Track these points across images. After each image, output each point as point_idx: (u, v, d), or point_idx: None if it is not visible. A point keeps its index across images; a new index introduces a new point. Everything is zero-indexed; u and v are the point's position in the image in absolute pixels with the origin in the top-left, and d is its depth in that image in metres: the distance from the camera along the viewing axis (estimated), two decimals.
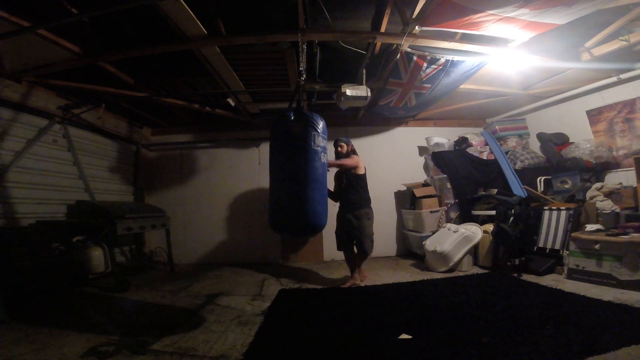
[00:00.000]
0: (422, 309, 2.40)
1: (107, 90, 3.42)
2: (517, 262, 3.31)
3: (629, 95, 3.39)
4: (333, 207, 3.04)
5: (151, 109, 4.33)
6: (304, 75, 2.36)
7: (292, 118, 2.02)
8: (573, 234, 3.00)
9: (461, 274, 3.43)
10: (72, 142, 3.58)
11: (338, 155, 3.31)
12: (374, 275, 3.58)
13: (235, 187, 4.86)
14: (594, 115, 3.76)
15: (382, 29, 2.62)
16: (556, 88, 3.98)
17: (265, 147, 4.91)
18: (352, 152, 3.34)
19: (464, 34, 2.67)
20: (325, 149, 2.05)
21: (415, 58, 2.86)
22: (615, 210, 3.09)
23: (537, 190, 3.97)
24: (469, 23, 2.34)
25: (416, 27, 2.43)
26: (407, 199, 4.62)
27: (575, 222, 3.15)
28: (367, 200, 3.21)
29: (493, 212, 3.65)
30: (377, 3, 2.51)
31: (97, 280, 3.26)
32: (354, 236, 3.14)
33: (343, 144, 3.32)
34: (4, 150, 2.88)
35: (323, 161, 2.01)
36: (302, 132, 1.94)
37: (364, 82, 3.11)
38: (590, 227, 3.00)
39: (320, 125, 2.02)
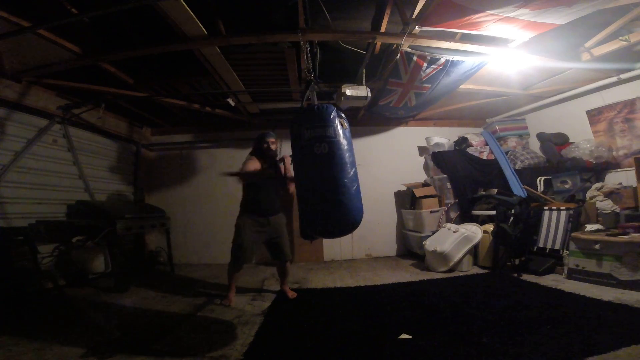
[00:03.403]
0: (422, 309, 2.40)
1: (107, 90, 3.42)
2: (517, 262, 3.31)
3: (629, 95, 3.38)
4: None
5: (151, 109, 4.32)
6: (312, 73, 2.34)
7: (292, 119, 1.95)
8: (573, 234, 3.00)
9: (461, 274, 3.43)
10: (72, 142, 3.57)
11: (268, 153, 2.81)
12: (374, 276, 3.59)
13: (235, 187, 4.83)
14: (594, 115, 3.76)
15: (382, 29, 2.61)
16: (556, 88, 3.98)
17: None
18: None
19: (464, 34, 2.67)
20: (319, 138, 1.80)
21: (415, 58, 2.86)
22: (615, 210, 3.09)
23: (537, 190, 3.97)
24: (469, 23, 2.34)
25: (416, 27, 2.43)
26: (407, 199, 4.62)
27: (575, 222, 3.15)
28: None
29: (493, 212, 3.65)
30: (377, 3, 2.51)
31: (97, 280, 3.26)
32: (276, 245, 2.80)
33: (274, 140, 2.86)
34: (4, 150, 2.88)
35: (318, 152, 1.77)
36: (297, 131, 1.86)
37: (364, 82, 3.11)
38: (590, 227, 3.00)
39: (312, 115, 1.84)
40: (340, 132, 1.83)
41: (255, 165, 2.74)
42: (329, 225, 1.76)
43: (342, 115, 1.91)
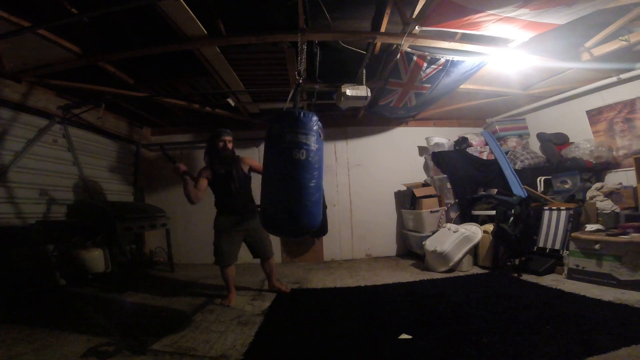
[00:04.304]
0: (422, 309, 2.40)
1: (107, 90, 3.42)
2: (517, 262, 3.31)
3: (629, 95, 3.38)
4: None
5: (151, 109, 4.33)
6: (303, 75, 2.34)
7: (271, 118, 1.96)
8: (573, 234, 3.00)
9: (461, 274, 3.43)
10: (72, 142, 3.57)
11: (224, 152, 2.76)
12: (374, 276, 3.59)
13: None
14: (594, 115, 3.76)
15: (382, 29, 2.61)
16: (556, 88, 3.98)
17: None
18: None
19: (464, 34, 2.67)
20: (300, 144, 1.83)
21: (415, 58, 2.86)
22: (615, 210, 3.08)
23: (537, 190, 3.97)
24: (469, 23, 2.34)
25: (416, 27, 2.43)
26: (407, 199, 4.61)
27: (575, 222, 3.15)
28: None
29: (493, 212, 3.65)
30: (377, 3, 2.51)
31: (97, 280, 3.26)
32: (255, 242, 2.83)
33: (231, 138, 2.81)
34: (4, 150, 2.88)
35: (297, 158, 1.82)
36: (277, 131, 1.87)
37: (364, 82, 3.11)
38: (590, 227, 3.00)
39: (296, 121, 1.85)
40: (317, 142, 1.89)
41: (201, 184, 2.69)
42: (291, 225, 1.84)
43: (321, 125, 1.96)
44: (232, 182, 2.75)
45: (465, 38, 2.72)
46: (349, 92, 3.08)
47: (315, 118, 1.90)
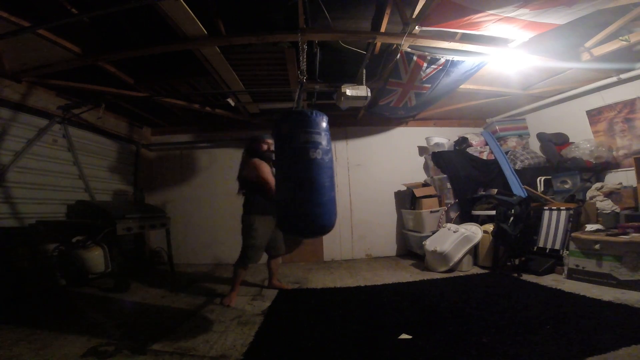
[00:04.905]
0: (422, 309, 2.40)
1: (107, 90, 3.42)
2: (517, 262, 3.31)
3: (629, 95, 3.38)
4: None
5: (151, 109, 4.33)
6: (305, 75, 2.34)
7: (280, 118, 1.96)
8: (573, 234, 3.00)
9: (461, 274, 3.43)
10: (72, 142, 3.57)
11: (269, 154, 2.89)
12: (374, 276, 3.59)
13: (235, 187, 4.83)
14: (594, 115, 3.76)
15: (382, 29, 2.62)
16: (556, 88, 3.98)
17: None
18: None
19: (464, 34, 2.67)
20: (315, 144, 1.85)
21: (415, 58, 2.86)
22: (615, 210, 3.09)
23: (537, 190, 3.97)
24: (469, 23, 2.34)
25: (416, 27, 2.42)
26: (407, 199, 4.62)
27: (575, 222, 3.15)
28: None
29: (493, 212, 3.65)
30: (377, 3, 2.51)
31: (97, 280, 3.26)
32: (275, 239, 2.99)
33: (272, 140, 2.90)
34: (4, 150, 2.88)
35: (313, 157, 1.83)
36: (288, 131, 1.88)
37: (364, 82, 3.11)
38: (590, 227, 3.00)
39: (310, 121, 1.87)
40: (328, 143, 1.91)
41: (269, 169, 2.82)
42: (311, 225, 1.85)
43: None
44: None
45: (465, 38, 2.72)
46: (349, 92, 3.08)
47: (326, 118, 1.92)
